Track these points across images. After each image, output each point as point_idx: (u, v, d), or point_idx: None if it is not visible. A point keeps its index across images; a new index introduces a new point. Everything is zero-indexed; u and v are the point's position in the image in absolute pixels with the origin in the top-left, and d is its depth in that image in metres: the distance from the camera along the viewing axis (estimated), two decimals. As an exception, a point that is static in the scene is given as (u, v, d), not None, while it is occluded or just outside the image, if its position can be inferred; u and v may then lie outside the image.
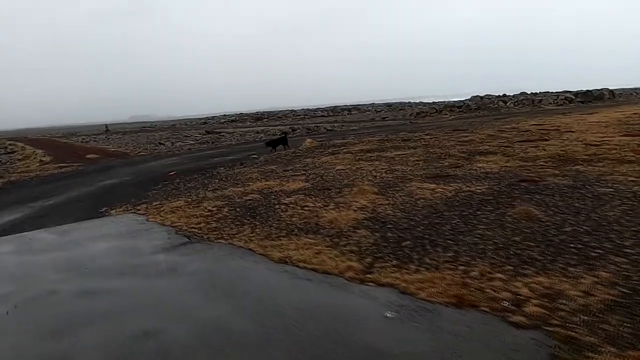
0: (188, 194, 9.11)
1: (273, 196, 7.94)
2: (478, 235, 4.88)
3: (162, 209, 7.78)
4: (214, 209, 7.38)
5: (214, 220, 6.64)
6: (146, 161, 18.89)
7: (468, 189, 7.10)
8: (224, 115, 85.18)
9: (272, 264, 4.58)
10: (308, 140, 19.37)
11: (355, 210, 6.34)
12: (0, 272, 4.99)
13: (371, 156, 12.92)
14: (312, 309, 3.55)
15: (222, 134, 38.85)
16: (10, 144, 46.42)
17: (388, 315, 3.28)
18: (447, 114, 41.90)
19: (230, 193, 8.67)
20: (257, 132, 37.30)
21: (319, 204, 6.94)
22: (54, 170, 17.75)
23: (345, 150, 15.38)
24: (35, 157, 26.74)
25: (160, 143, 32.53)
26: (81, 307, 3.90)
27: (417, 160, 11.27)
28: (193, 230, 6.21)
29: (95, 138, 49.19)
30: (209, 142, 30.09)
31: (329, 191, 7.90)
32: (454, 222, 5.46)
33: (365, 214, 6.15)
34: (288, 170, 11.27)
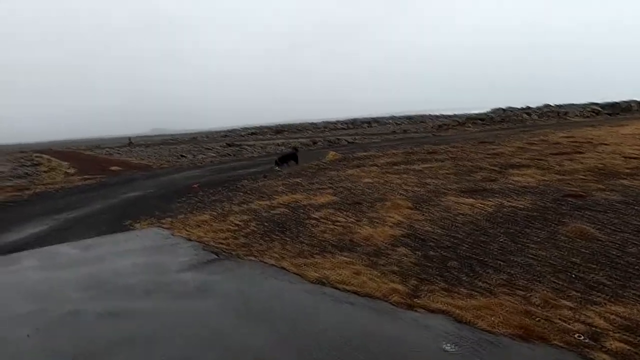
0: (213, 208, 8.87)
1: (301, 210, 7.64)
2: (531, 256, 4.47)
3: (187, 223, 7.55)
4: (241, 223, 7.11)
5: (242, 236, 6.35)
6: (169, 173, 18.86)
7: (510, 204, 6.66)
8: (244, 128, 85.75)
9: (308, 284, 4.24)
10: (331, 152, 19.09)
11: (391, 226, 5.98)
12: (22, 289, 4.76)
13: (398, 169, 12.54)
14: (357, 337, 3.19)
15: (243, 146, 38.95)
16: (36, 156, 47.47)
17: (447, 348, 2.90)
18: (470, 127, 41.22)
19: (257, 207, 8.40)
20: (278, 145, 37.27)
21: (352, 219, 6.60)
22: (79, 182, 17.83)
23: (370, 162, 15.03)
24: (60, 169, 27.10)
25: (182, 155, 32.71)
26: (106, 331, 3.62)
27: (447, 173, 10.85)
28: (221, 245, 5.92)
29: (118, 150, 49.93)
30: (230, 155, 30.11)
31: (360, 205, 7.55)
32: (501, 240, 5.05)
33: (402, 230, 5.79)
34: (314, 184, 10.97)
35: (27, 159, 44.67)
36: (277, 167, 15.78)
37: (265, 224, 6.89)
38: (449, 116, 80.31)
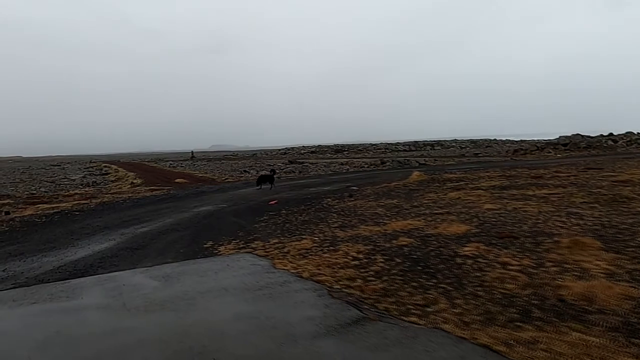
0: (310, 231, 7.16)
1: (434, 242, 5.75)
2: None
3: (286, 251, 5.86)
4: (361, 256, 5.31)
5: (373, 276, 4.54)
6: (237, 188, 17.59)
7: None
8: (303, 146, 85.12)
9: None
10: (415, 173, 17.16)
11: (606, 279, 3.96)
12: (81, 350, 3.12)
13: (514, 194, 10.41)
14: None
15: (305, 164, 37.79)
16: (105, 166, 48.84)
17: None
18: (550, 152, 37.76)
19: (367, 233, 6.61)
20: (342, 164, 35.71)
21: (527, 262, 4.62)
22: (146, 193, 16.91)
23: (470, 185, 12.93)
24: (127, 179, 26.84)
25: (245, 171, 31.89)
26: None
27: (586, 202, 8.70)
28: (351, 291, 4.12)
29: (181, 164, 50.39)
30: (294, 172, 28.80)
31: (517, 240, 5.56)
32: None
33: (634, 286, 3.76)
34: (418, 207, 9.08)
35: (96, 169, 45.94)
36: (352, 187, 14.91)
37: (397, 259, 5.05)
38: (517, 142, 75.89)
